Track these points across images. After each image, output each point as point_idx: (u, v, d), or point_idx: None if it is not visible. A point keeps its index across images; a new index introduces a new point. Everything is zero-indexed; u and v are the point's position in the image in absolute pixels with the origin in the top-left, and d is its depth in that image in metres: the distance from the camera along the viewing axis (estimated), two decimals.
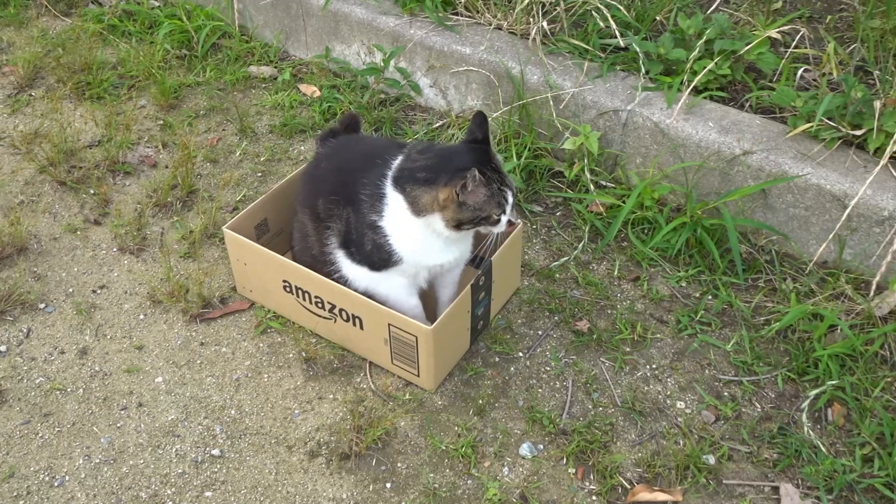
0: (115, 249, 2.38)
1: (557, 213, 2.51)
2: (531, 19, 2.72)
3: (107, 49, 3.29)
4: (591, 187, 2.45)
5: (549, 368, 2.03)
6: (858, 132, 2.17)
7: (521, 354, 2.07)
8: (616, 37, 2.63)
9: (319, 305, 2.02)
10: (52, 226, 2.47)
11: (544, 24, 2.65)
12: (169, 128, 2.87)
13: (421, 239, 1.81)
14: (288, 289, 2.06)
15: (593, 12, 2.62)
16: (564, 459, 1.82)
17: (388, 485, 1.78)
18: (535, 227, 2.45)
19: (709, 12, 2.74)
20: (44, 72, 3.16)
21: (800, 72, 2.42)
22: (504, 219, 1.80)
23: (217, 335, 2.13)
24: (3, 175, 2.66)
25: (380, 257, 1.85)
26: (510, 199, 1.79)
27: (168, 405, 1.96)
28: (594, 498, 1.75)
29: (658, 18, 2.78)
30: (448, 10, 2.92)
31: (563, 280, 2.27)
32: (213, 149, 2.80)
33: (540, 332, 2.12)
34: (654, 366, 2.03)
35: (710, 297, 2.20)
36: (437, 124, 2.78)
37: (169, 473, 1.81)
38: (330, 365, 2.05)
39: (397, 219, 1.80)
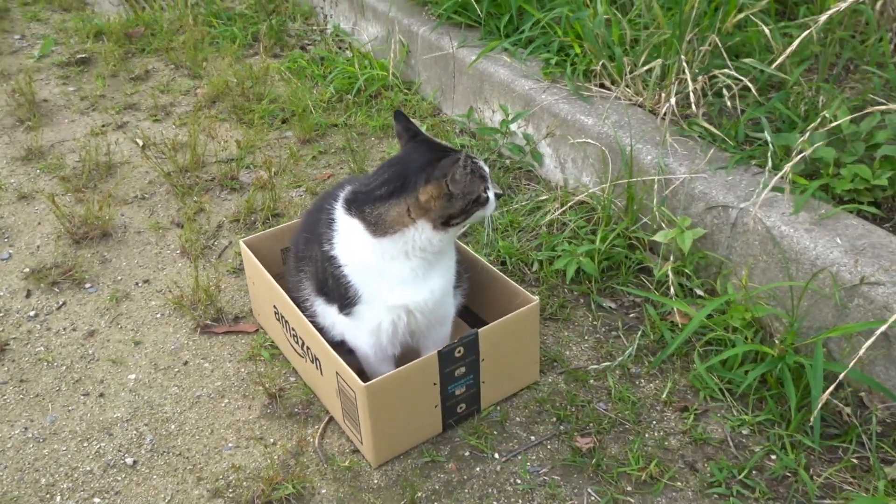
0: (178, 252, 2.42)
1: (630, 315, 2.08)
2: (662, 95, 2.37)
3: (286, 86, 3.48)
4: (673, 291, 2.00)
5: (519, 482, 1.63)
6: None
7: (497, 456, 1.69)
8: (763, 130, 2.19)
9: (296, 340, 1.84)
10: (144, 221, 2.58)
11: (673, 100, 2.28)
12: (292, 157, 2.92)
13: (379, 265, 1.56)
14: (277, 316, 1.91)
15: (726, 93, 2.21)
16: None
17: None
18: (595, 323, 2.06)
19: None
20: (224, 97, 3.40)
21: None
22: (491, 193, 1.57)
23: (209, 350, 2.03)
24: (136, 171, 2.87)
25: (339, 292, 1.63)
26: (486, 169, 1.57)
27: (122, 403, 1.88)
28: None
29: (828, 116, 2.27)
30: (592, 80, 2.66)
31: (595, 388, 1.85)
32: (322, 183, 2.78)
33: (533, 438, 1.73)
34: None
35: (772, 456, 1.64)
36: (542, 197, 2.50)
37: (77, 469, 1.71)
38: (292, 408, 1.84)
39: (350, 245, 1.58)
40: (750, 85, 2.15)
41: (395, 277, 1.57)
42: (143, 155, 2.95)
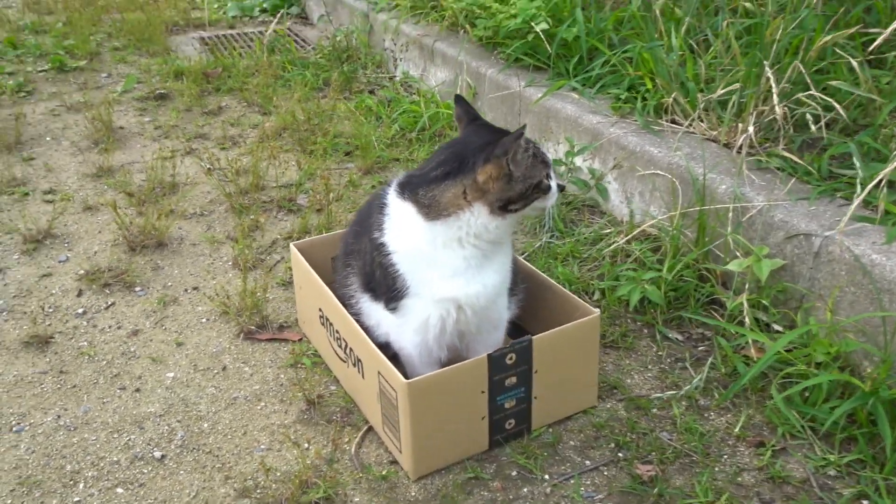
0: (229, 263, 2.38)
1: (699, 348, 1.93)
2: (740, 126, 2.26)
3: (351, 124, 3.49)
4: (748, 323, 1.85)
5: None
6: None
7: (547, 478, 1.54)
8: (847, 168, 2.06)
9: (339, 343, 1.75)
10: (200, 235, 2.56)
11: (751, 129, 2.17)
12: (351, 184, 2.89)
13: (430, 253, 1.47)
14: (322, 320, 1.83)
15: (810, 117, 2.09)
16: None
17: None
18: (659, 353, 1.91)
19: None
20: (290, 130, 3.43)
21: None
22: (553, 183, 1.48)
23: (251, 355, 1.95)
24: (198, 190, 2.88)
25: (386, 284, 1.54)
26: (549, 156, 1.50)
27: (158, 399, 1.80)
28: None
29: None
30: (663, 116, 2.58)
31: (658, 417, 1.70)
32: None
33: (588, 462, 1.57)
34: None
35: (864, 501, 1.45)
36: (607, 230, 2.39)
37: (104, 458, 1.63)
38: (331, 415, 1.73)
39: (401, 231, 1.50)
40: (837, 106, 2.03)
41: (447, 267, 1.47)
42: (206, 173, 2.97)
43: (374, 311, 1.62)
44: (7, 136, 3.32)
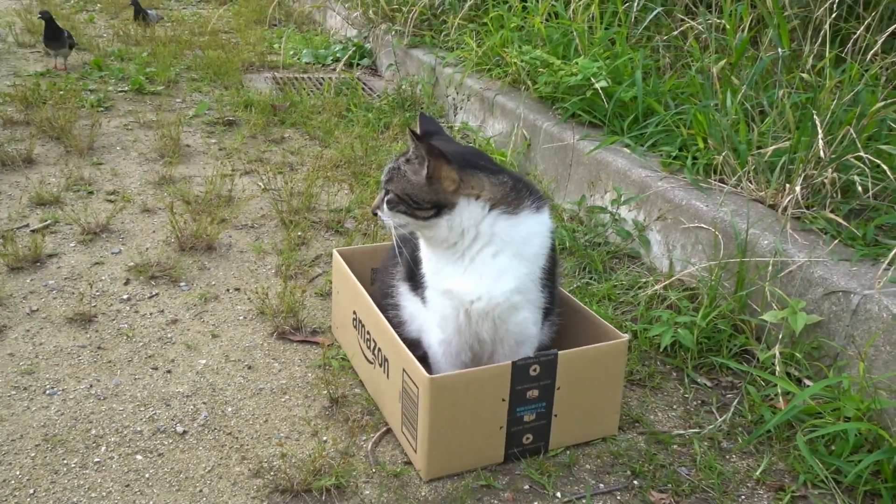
0: (272, 271, 2.45)
1: (726, 395, 1.91)
2: (787, 187, 2.28)
3: None
4: (778, 371, 1.83)
5: None
6: None
7: (558, 495, 1.53)
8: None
9: (368, 344, 1.78)
10: (249, 244, 2.65)
11: (798, 189, 2.18)
12: None
13: (424, 241, 1.58)
14: (355, 322, 1.87)
15: (857, 179, 2.10)
16: None
17: None
18: (686, 395, 1.89)
19: None
20: (347, 162, 3.55)
21: None
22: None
23: (282, 353, 1.99)
24: (254, 207, 2.98)
25: (418, 272, 1.60)
26: (383, 176, 1.55)
27: (187, 381, 1.85)
28: None
29: None
30: (712, 176, 2.60)
31: (678, 453, 1.68)
32: None
33: (602, 486, 1.56)
34: None
35: None
36: (644, 279, 2.40)
37: (128, 427, 1.67)
38: (352, 414, 1.75)
39: None
40: (885, 167, 2.03)
41: (430, 261, 1.57)
42: (262, 190, 3.07)
43: (410, 303, 1.67)
44: (81, 142, 3.50)
